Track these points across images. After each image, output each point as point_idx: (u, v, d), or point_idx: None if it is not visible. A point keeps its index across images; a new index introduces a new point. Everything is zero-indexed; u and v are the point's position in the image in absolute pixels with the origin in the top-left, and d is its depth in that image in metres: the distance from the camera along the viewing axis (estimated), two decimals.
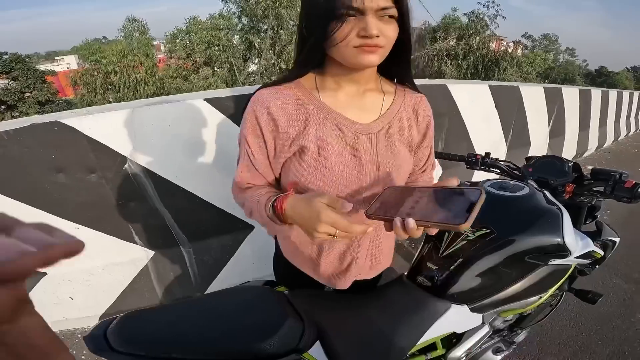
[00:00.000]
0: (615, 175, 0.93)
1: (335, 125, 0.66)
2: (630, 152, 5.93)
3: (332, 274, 0.78)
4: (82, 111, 1.43)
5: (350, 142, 0.67)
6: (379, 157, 0.69)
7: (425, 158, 0.80)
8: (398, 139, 0.71)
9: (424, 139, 0.77)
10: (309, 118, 0.65)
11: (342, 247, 0.75)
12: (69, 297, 1.53)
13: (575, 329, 1.70)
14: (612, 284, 2.06)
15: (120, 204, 1.48)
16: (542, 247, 0.79)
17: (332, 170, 0.66)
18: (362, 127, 0.68)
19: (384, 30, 0.58)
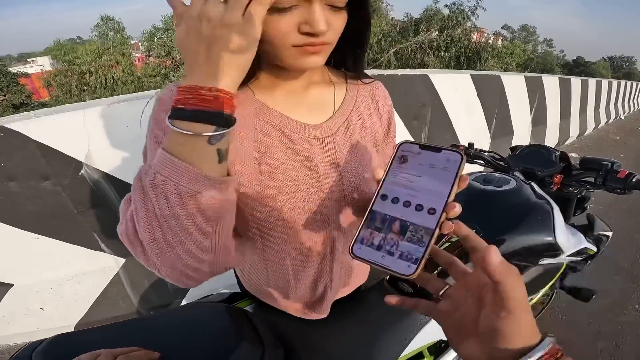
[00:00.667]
0: (607, 164, 0.87)
1: (278, 130, 0.51)
2: (611, 139, 6.07)
3: (306, 306, 0.65)
4: (29, 114, 1.31)
5: (301, 152, 0.51)
6: (340, 165, 0.54)
7: None
8: (360, 137, 0.58)
9: (388, 133, 0.64)
10: (243, 124, 0.49)
11: (312, 274, 0.61)
12: (40, 308, 1.47)
13: (566, 322, 1.67)
14: (602, 276, 2.02)
15: (81, 211, 1.38)
16: (533, 247, 0.73)
17: (281, 192, 0.50)
18: (313, 130, 0.53)
19: (332, 22, 0.44)
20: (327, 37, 0.44)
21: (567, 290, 1.09)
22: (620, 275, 2.04)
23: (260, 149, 0.50)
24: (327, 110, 0.56)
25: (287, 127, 0.51)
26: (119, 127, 1.29)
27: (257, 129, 0.50)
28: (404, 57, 15.63)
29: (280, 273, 0.60)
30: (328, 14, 0.43)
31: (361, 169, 0.57)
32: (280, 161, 0.50)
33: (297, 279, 0.61)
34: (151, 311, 1.56)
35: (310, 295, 0.64)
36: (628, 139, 6.23)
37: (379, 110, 0.62)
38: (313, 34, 0.42)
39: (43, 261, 1.42)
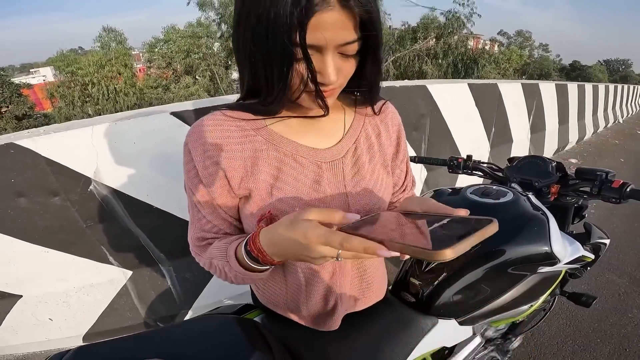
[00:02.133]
0: (602, 174, 0.90)
1: (290, 156, 0.55)
2: (611, 144, 6.10)
3: (317, 317, 0.67)
4: (38, 131, 1.34)
5: (311, 175, 0.56)
6: (347, 187, 0.58)
7: (404, 175, 0.70)
8: (368, 160, 0.61)
9: (397, 152, 0.67)
10: (257, 153, 0.54)
11: (323, 289, 0.64)
12: (48, 319, 1.50)
13: (572, 327, 1.68)
14: (606, 280, 2.05)
15: (90, 226, 1.41)
16: (530, 257, 0.75)
17: (289, 210, 0.54)
18: (323, 154, 0.57)
19: (343, 68, 0.47)
20: (337, 83, 0.48)
21: (568, 296, 1.11)
22: (623, 279, 2.05)
23: (272, 174, 0.54)
24: (337, 134, 0.60)
25: (298, 153, 0.56)
26: (126, 143, 1.33)
27: (270, 156, 0.54)
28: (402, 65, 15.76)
29: (296, 286, 0.64)
30: (339, 61, 0.46)
31: (368, 192, 0.59)
32: (291, 185, 0.55)
33: (308, 292, 0.64)
34: (158, 321, 1.58)
35: (322, 308, 0.66)
36: (627, 143, 6.27)
37: (388, 130, 0.65)
38: (325, 83, 0.46)
39: (52, 273, 1.44)
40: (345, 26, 0.43)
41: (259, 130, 0.55)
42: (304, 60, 0.44)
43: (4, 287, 1.43)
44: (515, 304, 0.83)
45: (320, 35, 0.42)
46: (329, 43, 0.43)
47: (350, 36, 0.44)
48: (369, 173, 0.60)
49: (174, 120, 1.38)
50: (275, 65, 0.45)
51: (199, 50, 17.53)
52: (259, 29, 0.43)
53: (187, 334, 0.58)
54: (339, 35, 0.43)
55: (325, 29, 0.42)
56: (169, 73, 18.61)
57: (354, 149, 0.60)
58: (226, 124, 0.54)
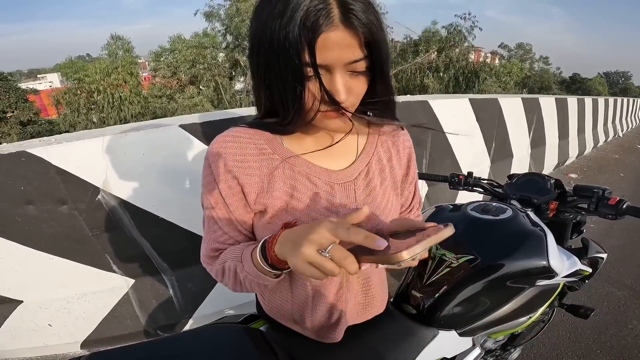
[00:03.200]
0: (598, 192, 0.92)
1: (304, 176, 0.58)
2: (611, 158, 6.12)
3: (320, 329, 0.69)
4: (50, 139, 1.38)
5: (324, 195, 0.58)
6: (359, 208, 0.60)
7: (412, 196, 0.73)
8: (380, 182, 0.63)
9: (407, 174, 0.69)
10: (274, 171, 0.57)
11: (329, 302, 0.66)
12: (48, 324, 1.50)
13: (572, 339, 1.68)
14: (605, 292, 2.06)
15: (95, 234, 1.43)
16: (528, 271, 0.77)
17: None
18: (336, 175, 0.59)
19: (353, 87, 0.49)
20: (348, 102, 0.50)
21: (566, 308, 1.13)
22: (623, 292, 2.07)
23: (287, 192, 0.58)
24: (350, 157, 0.62)
25: (312, 174, 0.58)
26: (135, 155, 1.36)
27: (286, 175, 0.57)
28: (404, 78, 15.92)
29: (302, 297, 0.66)
30: (349, 80, 0.48)
31: (379, 212, 0.62)
32: (305, 203, 0.58)
33: (314, 305, 0.66)
34: (158, 330, 1.59)
35: (326, 320, 0.68)
36: (627, 158, 6.29)
37: (399, 154, 0.67)
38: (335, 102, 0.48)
39: (54, 280, 1.46)
40: (351, 45, 0.45)
41: (275, 149, 0.58)
42: (316, 79, 0.46)
43: (5, 292, 1.44)
44: (514, 316, 0.85)
45: (327, 54, 0.45)
46: (336, 62, 0.46)
47: (356, 54, 0.46)
48: (380, 195, 0.63)
49: (182, 133, 1.42)
50: (288, 86, 0.47)
51: (204, 61, 17.75)
52: (272, 53, 0.46)
53: (197, 342, 0.60)
54: (345, 53, 0.45)
55: (332, 48, 0.44)
56: (174, 82, 18.79)
57: (366, 172, 0.62)
58: (244, 141, 0.57)
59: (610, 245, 2.59)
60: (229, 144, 0.57)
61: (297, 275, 0.65)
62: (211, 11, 18.22)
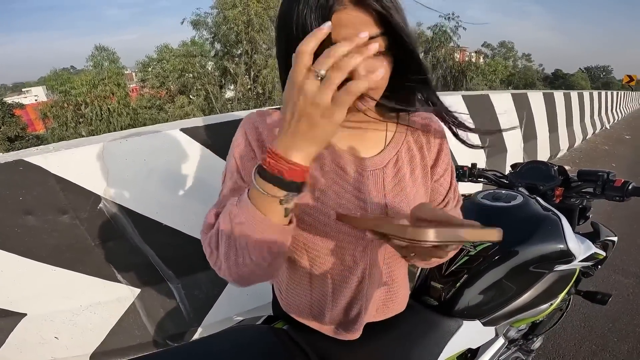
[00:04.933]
0: (603, 175, 0.94)
1: (333, 162, 0.57)
2: (601, 149, 6.25)
3: (339, 326, 0.67)
4: (47, 147, 1.35)
5: (352, 182, 0.57)
6: (387, 197, 0.58)
7: (445, 189, 0.66)
8: (409, 171, 0.61)
9: (436, 165, 0.64)
10: None
11: (349, 296, 0.64)
12: (54, 337, 1.46)
13: (588, 329, 1.69)
14: (613, 281, 2.08)
15: (98, 244, 1.39)
16: (547, 255, 0.78)
17: (330, 215, 0.55)
18: (365, 163, 0.58)
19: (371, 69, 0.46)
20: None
21: (583, 295, 1.13)
22: (630, 280, 2.10)
23: (314, 177, 0.56)
24: (379, 145, 0.61)
25: (342, 160, 0.57)
26: (136, 160, 1.34)
27: (315, 159, 0.54)
28: None
29: (322, 290, 0.64)
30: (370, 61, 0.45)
31: (407, 202, 0.60)
32: (333, 190, 0.57)
33: (334, 298, 0.64)
34: (167, 339, 1.55)
35: (344, 316, 0.66)
36: (617, 148, 6.43)
37: (429, 143, 0.64)
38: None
39: (58, 292, 1.42)
40: (364, 22, 0.45)
41: None
42: None
43: (7, 305, 1.39)
44: (535, 303, 0.85)
45: (341, 32, 0.44)
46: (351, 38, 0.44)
47: (370, 31, 0.43)
48: (410, 185, 0.61)
49: (184, 137, 1.40)
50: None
51: (194, 69, 17.69)
52: (293, 40, 0.45)
53: (226, 345, 0.59)
54: (359, 31, 0.42)
55: (346, 26, 0.44)
56: (163, 92, 18.65)
57: (395, 160, 0.61)
58: (275, 118, 0.58)
59: None
60: (265, 118, 0.57)
61: (318, 274, 0.62)
62: (198, 19, 18.23)
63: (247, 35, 16.69)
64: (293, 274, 0.64)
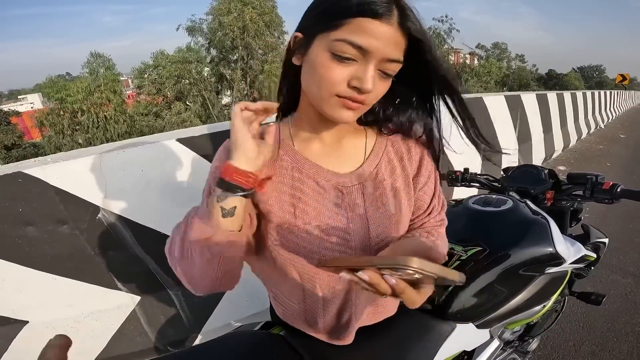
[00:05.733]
0: (592, 178, 0.97)
1: (312, 179, 0.57)
2: (596, 149, 6.30)
3: (331, 332, 0.68)
4: (45, 159, 1.36)
5: (332, 199, 0.57)
6: (367, 212, 0.59)
7: (429, 197, 0.66)
8: (390, 184, 0.61)
9: (418, 174, 0.64)
10: (283, 171, 0.58)
11: (338, 305, 0.65)
12: None
13: (586, 329, 1.70)
14: (610, 281, 2.08)
15: (98, 253, 1.41)
16: (536, 258, 0.80)
17: (311, 233, 0.56)
18: (344, 178, 0.58)
19: (377, 86, 0.49)
20: (368, 97, 0.50)
21: (577, 296, 1.15)
22: (627, 279, 2.11)
23: (295, 195, 0.57)
24: (358, 159, 0.61)
25: (321, 177, 0.58)
26: (134, 171, 1.35)
27: (294, 177, 0.57)
28: None
29: (313, 302, 0.65)
30: (377, 78, 0.49)
31: (388, 216, 0.60)
32: (313, 207, 0.57)
33: (325, 307, 0.65)
34: (168, 346, 1.56)
35: (336, 323, 0.67)
36: (612, 147, 6.48)
37: (410, 152, 0.64)
38: (359, 89, 0.48)
39: (60, 300, 1.43)
40: (397, 43, 0.48)
41: (287, 151, 0.59)
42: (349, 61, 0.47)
43: (10, 313, 1.40)
44: (528, 305, 0.87)
45: (372, 41, 0.46)
46: (376, 52, 0.46)
47: (396, 54, 0.48)
48: (390, 197, 0.60)
49: (180, 147, 1.42)
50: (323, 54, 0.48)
51: (190, 76, 17.71)
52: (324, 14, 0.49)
53: (223, 351, 0.60)
54: (389, 49, 0.47)
55: (378, 38, 0.46)
56: (160, 99, 18.62)
57: (375, 174, 0.60)
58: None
59: (608, 233, 2.62)
60: None
61: (308, 285, 0.63)
62: (193, 26, 18.28)
63: (242, 41, 16.77)
64: (284, 285, 0.65)
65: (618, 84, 17.97)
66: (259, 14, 17.09)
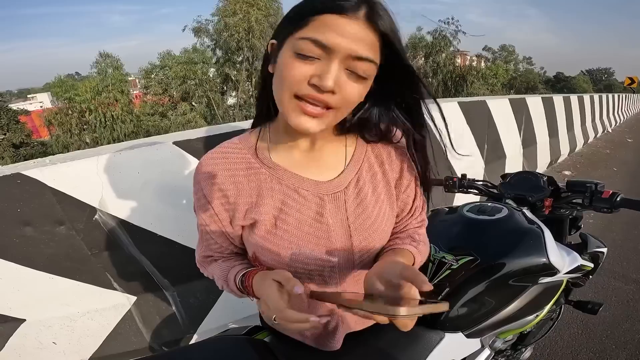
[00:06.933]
0: (591, 186, 0.94)
1: (292, 189, 0.57)
2: (603, 153, 6.21)
3: (319, 337, 0.68)
4: (44, 161, 1.37)
5: (313, 207, 0.57)
6: (349, 219, 0.58)
7: (411, 199, 0.66)
8: (371, 190, 0.60)
9: (401, 177, 0.64)
10: (261, 185, 0.57)
11: (325, 310, 0.65)
12: (52, 342, 1.48)
13: (585, 336, 1.67)
14: (613, 288, 2.05)
15: (95, 253, 1.42)
16: (529, 269, 0.79)
17: (292, 243, 0.57)
18: (325, 187, 0.58)
19: (344, 87, 0.46)
20: (332, 99, 0.46)
21: (574, 305, 1.13)
22: (630, 286, 2.08)
23: (276, 207, 0.57)
24: (339, 166, 0.60)
25: (301, 186, 0.57)
26: (130, 173, 1.36)
27: (274, 189, 0.57)
28: None
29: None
30: (344, 78, 0.45)
31: (370, 222, 0.60)
32: (294, 217, 0.57)
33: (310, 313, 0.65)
34: (163, 346, 1.57)
35: (323, 330, 0.67)
36: (619, 152, 6.39)
37: (391, 156, 0.63)
38: (319, 87, 0.44)
39: (56, 299, 1.44)
40: (364, 40, 0.44)
41: (263, 164, 0.58)
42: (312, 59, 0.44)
43: (7, 311, 1.42)
44: (520, 315, 0.85)
45: (335, 37, 0.43)
46: (339, 49, 0.43)
47: (363, 51, 0.44)
48: (372, 204, 0.60)
49: (176, 150, 1.43)
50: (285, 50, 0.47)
51: (195, 76, 17.84)
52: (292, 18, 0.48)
53: (203, 355, 0.60)
54: (354, 45, 0.44)
55: (342, 35, 0.43)
56: (166, 99, 18.78)
57: (356, 180, 0.60)
58: (232, 157, 0.58)
59: (611, 240, 2.60)
60: (217, 161, 0.58)
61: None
62: (199, 27, 18.41)
63: (247, 42, 16.85)
64: None
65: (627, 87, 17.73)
66: (265, 15, 17.18)
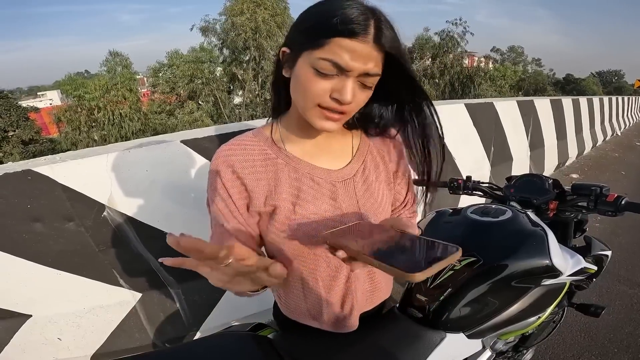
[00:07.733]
0: (596, 189, 0.94)
1: (307, 177, 0.63)
2: (611, 157, 6.13)
3: (337, 320, 0.73)
4: (54, 158, 1.40)
5: (327, 193, 0.64)
6: (359, 202, 0.66)
7: (405, 191, 0.77)
8: (375, 178, 0.69)
9: (398, 170, 0.74)
10: (279, 173, 0.62)
11: (340, 293, 0.70)
12: (57, 338, 1.51)
13: (587, 339, 1.67)
14: (617, 291, 2.05)
15: (102, 250, 1.44)
16: (531, 270, 0.79)
17: (311, 227, 0.62)
18: (336, 174, 0.65)
19: (357, 97, 0.55)
20: (349, 107, 0.55)
21: (576, 307, 1.13)
22: (635, 290, 2.06)
23: (293, 193, 0.63)
24: (346, 156, 0.69)
25: (315, 174, 0.64)
26: (138, 171, 1.39)
27: (291, 177, 0.62)
28: None
29: (315, 294, 0.69)
30: (356, 89, 0.54)
31: (377, 205, 0.68)
32: (311, 202, 0.63)
33: (328, 298, 0.70)
34: (166, 343, 1.59)
35: (340, 312, 0.72)
36: (627, 156, 6.30)
37: (389, 151, 0.73)
38: (339, 101, 0.53)
39: (63, 295, 1.47)
40: (374, 59, 0.52)
41: (279, 154, 0.64)
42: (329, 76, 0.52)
43: (14, 307, 1.45)
44: (522, 316, 0.86)
45: (349, 59, 0.50)
46: (354, 69, 0.51)
47: (373, 68, 0.53)
48: (377, 189, 0.69)
49: (184, 149, 1.45)
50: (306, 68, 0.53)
51: (202, 75, 17.95)
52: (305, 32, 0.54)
53: (206, 351, 0.61)
54: (365, 65, 0.52)
55: (356, 57, 0.51)
56: (173, 98, 18.93)
57: (363, 169, 0.68)
58: (249, 147, 0.63)
59: (618, 244, 2.59)
60: (235, 151, 0.62)
61: (307, 276, 0.68)
62: (207, 26, 18.52)
63: (254, 41, 16.91)
64: (287, 282, 0.70)
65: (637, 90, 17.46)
66: (271, 15, 17.23)
